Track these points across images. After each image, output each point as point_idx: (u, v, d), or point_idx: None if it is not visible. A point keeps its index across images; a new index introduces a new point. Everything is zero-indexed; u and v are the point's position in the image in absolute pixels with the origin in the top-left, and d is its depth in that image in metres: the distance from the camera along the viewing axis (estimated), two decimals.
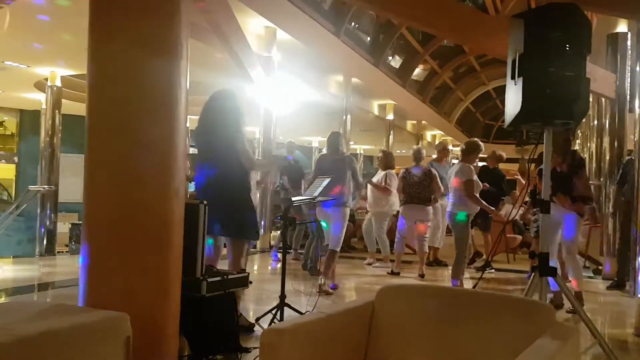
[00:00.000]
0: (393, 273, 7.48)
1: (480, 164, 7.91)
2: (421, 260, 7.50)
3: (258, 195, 5.98)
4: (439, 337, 2.14)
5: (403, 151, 21.34)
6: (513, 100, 3.17)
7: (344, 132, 11.65)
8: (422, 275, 7.27)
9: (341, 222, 5.79)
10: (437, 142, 15.82)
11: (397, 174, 7.93)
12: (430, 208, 7.49)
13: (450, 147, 11.61)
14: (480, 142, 6.46)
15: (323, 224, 5.94)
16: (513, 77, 3.15)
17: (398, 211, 7.90)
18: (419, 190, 7.39)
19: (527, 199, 7.06)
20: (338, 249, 5.89)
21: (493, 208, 7.03)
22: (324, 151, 6.44)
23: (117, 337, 2.72)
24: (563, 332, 1.90)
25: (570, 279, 5.22)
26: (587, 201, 5.10)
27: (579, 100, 3.06)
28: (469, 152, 6.26)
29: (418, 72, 14.85)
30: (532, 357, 1.66)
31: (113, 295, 2.96)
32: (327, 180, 4.70)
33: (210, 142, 4.34)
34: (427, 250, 7.90)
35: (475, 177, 6.17)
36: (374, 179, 8.10)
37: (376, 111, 14.77)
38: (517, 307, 2.04)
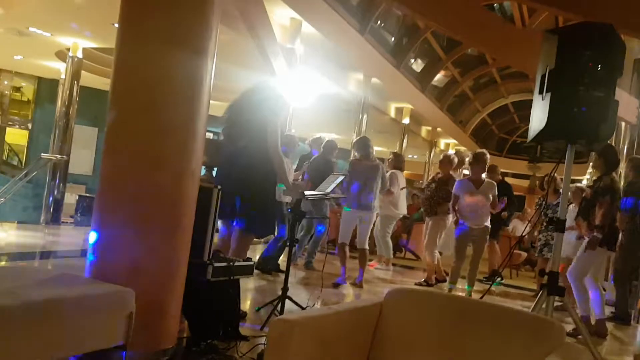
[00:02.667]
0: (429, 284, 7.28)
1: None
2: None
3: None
4: (444, 346, 2.11)
5: (415, 157, 21.29)
6: (538, 116, 3.14)
7: (359, 132, 11.63)
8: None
9: (368, 225, 6.29)
10: (450, 151, 15.74)
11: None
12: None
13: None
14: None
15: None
16: (541, 92, 3.12)
17: (405, 214, 7.88)
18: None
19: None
20: (367, 247, 6.35)
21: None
22: (355, 155, 6.62)
23: (120, 312, 2.72)
24: (571, 352, 1.87)
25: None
26: (598, 230, 4.98)
27: (605, 121, 3.03)
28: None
29: (438, 78, 14.79)
30: None
31: (120, 271, 2.96)
32: (341, 177, 4.69)
33: (240, 135, 4.19)
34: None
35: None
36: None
37: (393, 114, 14.72)
38: (528, 323, 2.01)
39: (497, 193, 6.29)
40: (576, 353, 1.90)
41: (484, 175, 6.35)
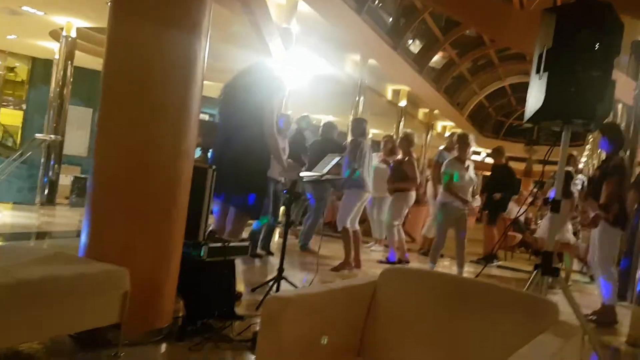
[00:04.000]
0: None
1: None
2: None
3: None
4: (438, 325, 2.12)
5: None
6: (535, 96, 3.11)
7: (356, 114, 11.57)
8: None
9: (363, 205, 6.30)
10: (449, 133, 15.72)
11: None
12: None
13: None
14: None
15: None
16: (538, 72, 3.09)
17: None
18: None
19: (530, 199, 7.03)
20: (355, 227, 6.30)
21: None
22: (349, 136, 6.63)
23: (115, 291, 2.73)
24: (565, 330, 1.88)
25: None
26: (606, 209, 4.95)
27: (602, 101, 3.00)
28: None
29: (436, 59, 14.71)
30: (532, 352, 1.64)
31: (114, 250, 2.96)
32: (337, 158, 4.66)
33: (236, 115, 4.15)
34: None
35: None
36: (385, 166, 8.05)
37: (389, 96, 14.65)
38: (522, 302, 2.01)
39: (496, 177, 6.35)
40: (571, 331, 1.90)
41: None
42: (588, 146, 12.12)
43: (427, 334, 2.12)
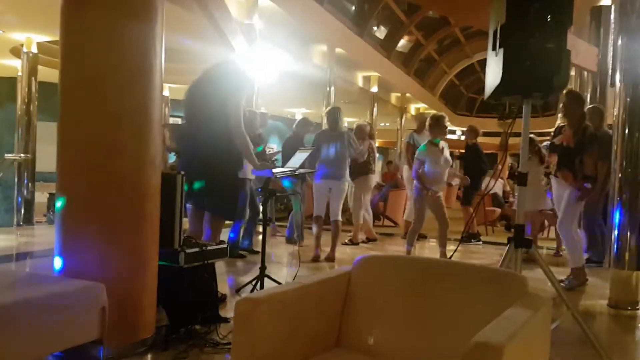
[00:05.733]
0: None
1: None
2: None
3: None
4: (412, 307, 2.15)
5: (387, 124, 21.33)
6: (493, 72, 3.14)
7: (328, 105, 11.57)
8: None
9: (340, 195, 6.22)
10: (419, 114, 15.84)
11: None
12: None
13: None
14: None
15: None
16: (494, 48, 3.12)
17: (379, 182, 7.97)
18: None
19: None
20: (340, 219, 6.31)
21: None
22: (324, 127, 6.59)
23: (92, 307, 2.71)
24: (534, 302, 1.92)
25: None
26: (588, 180, 5.05)
27: (559, 72, 3.04)
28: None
29: (403, 43, 14.74)
30: (500, 326, 1.67)
31: (88, 265, 2.94)
32: (307, 153, 4.67)
33: (200, 112, 4.05)
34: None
35: None
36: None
37: (360, 83, 14.66)
38: (491, 278, 2.05)
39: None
40: (540, 302, 1.94)
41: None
42: (560, 114, 12.28)
43: (402, 317, 2.15)
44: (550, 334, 2.02)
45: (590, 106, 6.56)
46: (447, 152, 6.19)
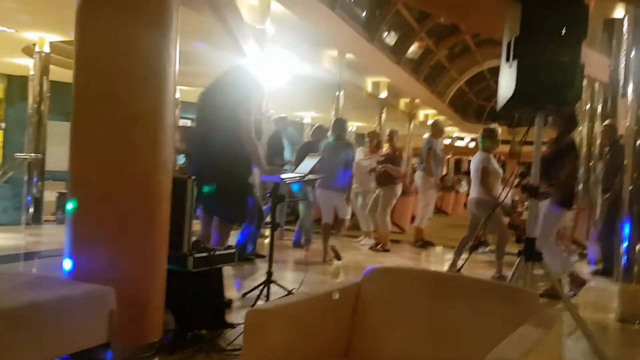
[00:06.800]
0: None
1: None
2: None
3: None
4: (423, 321, 2.14)
5: (395, 130, 21.27)
6: (506, 83, 3.14)
7: (337, 109, 11.59)
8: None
9: (345, 203, 6.49)
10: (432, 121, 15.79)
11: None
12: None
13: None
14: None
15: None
16: (508, 60, 3.12)
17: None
18: None
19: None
20: (347, 217, 6.65)
21: None
22: (329, 135, 6.90)
23: (101, 311, 2.71)
24: (547, 319, 1.90)
25: None
26: (564, 187, 5.05)
27: (572, 86, 3.03)
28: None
29: (413, 49, 14.73)
30: (514, 344, 1.66)
31: (98, 268, 2.94)
32: (317, 159, 4.66)
33: (212, 118, 4.08)
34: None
35: None
36: (368, 161, 8.11)
37: (370, 88, 14.65)
38: (502, 293, 2.04)
39: None
40: (551, 320, 1.93)
41: None
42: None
43: (411, 330, 2.14)
44: (562, 351, 2.00)
45: (606, 123, 6.62)
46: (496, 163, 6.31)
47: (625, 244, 4.70)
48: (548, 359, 1.81)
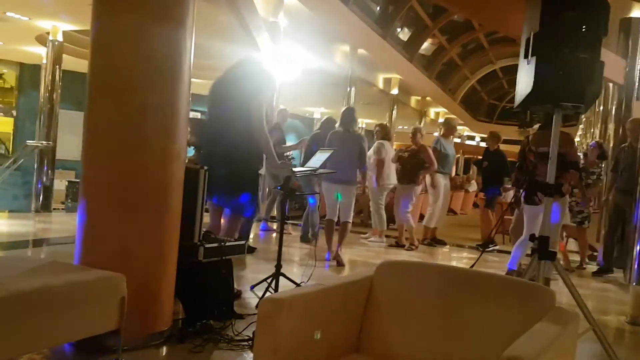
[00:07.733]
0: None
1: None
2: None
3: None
4: (436, 316, 2.12)
5: (405, 127, 21.22)
6: (524, 80, 3.10)
7: (347, 104, 11.53)
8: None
9: (350, 199, 5.97)
10: (443, 119, 15.71)
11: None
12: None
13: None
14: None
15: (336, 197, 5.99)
16: (526, 57, 3.08)
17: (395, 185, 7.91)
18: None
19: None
20: (350, 221, 6.09)
21: None
22: (337, 127, 6.33)
23: (112, 297, 2.71)
24: (563, 317, 1.88)
25: None
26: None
27: (591, 83, 3.00)
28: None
29: (426, 46, 14.65)
30: (531, 341, 1.64)
31: (109, 256, 2.95)
32: (328, 153, 4.62)
33: (223, 111, 4.08)
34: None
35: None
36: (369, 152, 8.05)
37: (381, 85, 14.60)
38: (518, 290, 2.01)
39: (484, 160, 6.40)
40: (568, 317, 1.90)
41: None
42: (581, 126, 12.11)
43: (425, 325, 2.12)
44: (576, 349, 1.98)
45: (632, 119, 6.64)
46: None
47: (637, 248, 4.66)
48: (564, 357, 1.79)
